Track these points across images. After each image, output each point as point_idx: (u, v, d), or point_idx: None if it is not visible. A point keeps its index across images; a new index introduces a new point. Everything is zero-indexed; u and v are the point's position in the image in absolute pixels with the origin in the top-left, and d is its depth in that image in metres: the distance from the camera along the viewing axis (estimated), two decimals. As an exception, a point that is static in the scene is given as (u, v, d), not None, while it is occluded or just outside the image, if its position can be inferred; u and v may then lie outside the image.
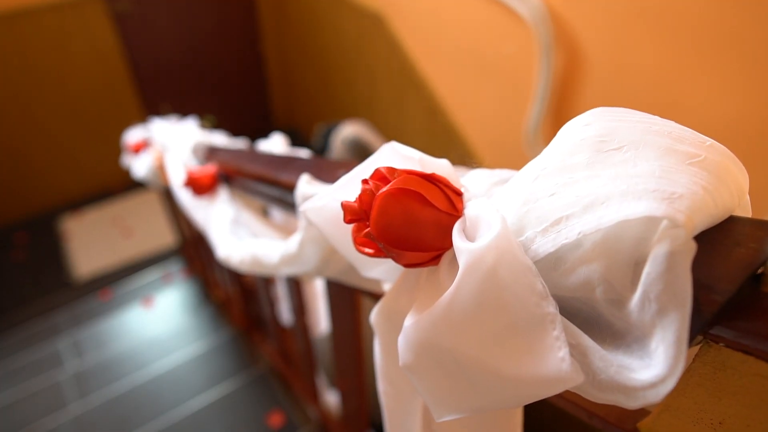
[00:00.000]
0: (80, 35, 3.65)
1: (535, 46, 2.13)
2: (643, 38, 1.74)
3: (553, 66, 2.08)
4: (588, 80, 2.00)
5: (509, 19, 2.20)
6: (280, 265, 0.68)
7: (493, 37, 2.33)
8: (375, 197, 0.36)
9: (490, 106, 2.50)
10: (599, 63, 1.93)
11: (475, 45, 2.44)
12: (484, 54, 2.41)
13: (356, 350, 0.93)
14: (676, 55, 1.66)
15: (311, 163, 0.77)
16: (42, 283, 3.62)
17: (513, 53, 2.28)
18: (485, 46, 2.39)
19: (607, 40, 1.87)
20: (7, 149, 3.82)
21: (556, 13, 2.01)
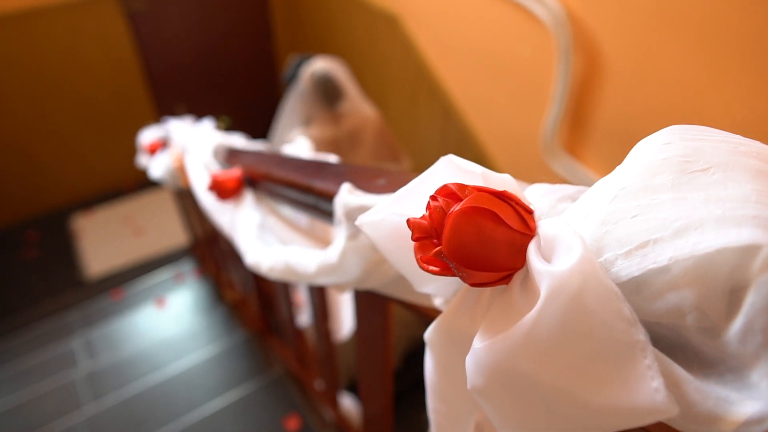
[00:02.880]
0: (93, 35, 3.66)
1: (552, 48, 2.11)
2: (665, 42, 1.72)
3: (572, 69, 2.06)
4: (607, 84, 1.99)
5: (527, 20, 2.18)
6: (317, 274, 0.67)
7: (510, 39, 2.31)
8: (447, 215, 0.35)
9: (505, 109, 2.48)
10: (619, 67, 1.91)
11: (490, 47, 2.42)
12: (500, 56, 2.40)
13: (385, 358, 0.92)
14: (699, 60, 1.64)
15: (346, 170, 0.76)
16: (54, 281, 3.63)
17: (530, 56, 2.26)
18: (501, 48, 2.38)
19: (627, 44, 1.85)
20: (20, 148, 3.83)
21: (575, 16, 2.00)
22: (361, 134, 2.31)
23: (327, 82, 2.20)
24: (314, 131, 2.22)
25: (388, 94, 3.30)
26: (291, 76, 2.30)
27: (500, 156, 2.62)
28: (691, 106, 1.72)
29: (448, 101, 2.79)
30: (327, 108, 2.23)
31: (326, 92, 2.22)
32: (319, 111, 2.23)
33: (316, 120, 2.24)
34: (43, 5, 3.39)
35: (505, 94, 2.45)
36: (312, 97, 2.22)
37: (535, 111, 2.29)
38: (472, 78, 2.60)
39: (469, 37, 2.52)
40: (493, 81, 2.49)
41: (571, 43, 2.02)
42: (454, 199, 0.36)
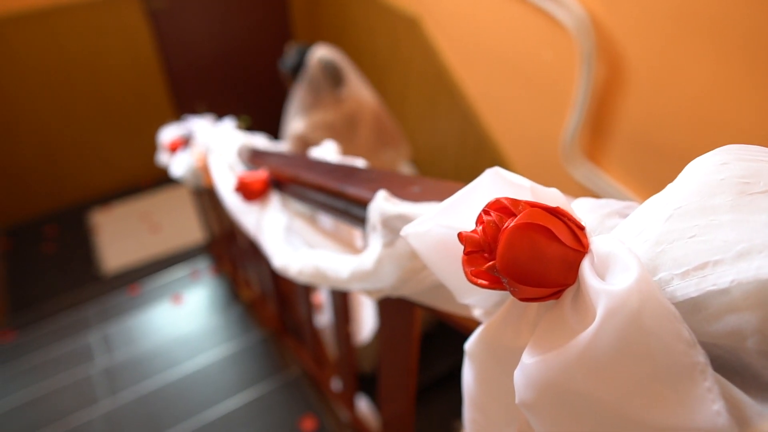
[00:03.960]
0: (115, 32, 3.69)
1: (575, 54, 2.10)
2: (689, 49, 1.70)
3: (594, 76, 2.05)
4: (629, 92, 1.98)
5: (549, 25, 2.18)
6: (350, 280, 0.67)
7: (532, 43, 2.31)
8: (501, 231, 0.35)
9: (525, 114, 2.48)
10: (642, 75, 1.90)
11: (512, 51, 2.42)
12: (521, 61, 2.39)
13: (408, 364, 0.92)
14: (723, 68, 1.63)
15: (379, 175, 0.76)
16: (71, 275, 3.67)
17: (551, 60, 2.25)
18: (523, 53, 2.37)
19: (651, 51, 1.84)
20: (41, 143, 3.88)
21: (598, 22, 1.99)
22: (359, 117, 2.43)
23: (333, 67, 2.33)
24: (316, 116, 2.35)
25: (408, 96, 3.30)
26: (296, 63, 2.38)
27: (519, 161, 2.61)
28: (715, 114, 1.71)
29: (467, 104, 2.78)
30: (331, 92, 2.36)
31: (333, 77, 2.34)
32: (324, 96, 2.35)
33: (318, 104, 2.36)
34: (67, 3, 3.43)
35: (525, 98, 2.44)
36: (319, 82, 2.33)
37: (556, 116, 2.28)
38: (492, 82, 2.60)
39: (490, 40, 2.51)
40: (513, 85, 2.48)
41: (593, 49, 2.01)
42: (507, 213, 0.36)
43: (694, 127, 1.77)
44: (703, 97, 1.72)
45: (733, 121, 1.66)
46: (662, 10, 1.73)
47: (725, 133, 1.69)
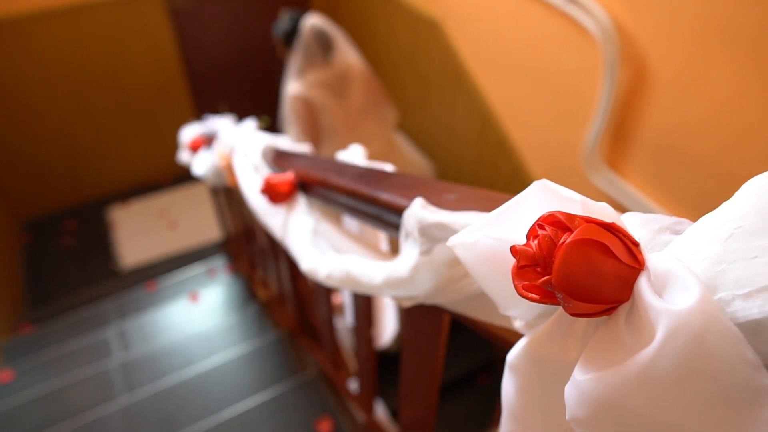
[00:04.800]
0: (137, 31, 3.73)
1: (599, 60, 2.09)
2: (715, 58, 1.69)
3: (617, 82, 2.04)
4: (653, 99, 1.96)
5: (573, 31, 2.16)
6: (383, 287, 0.67)
7: (554, 48, 2.30)
8: (557, 246, 0.35)
9: (545, 119, 2.46)
10: (666, 82, 1.88)
11: (534, 56, 2.41)
12: (543, 65, 2.38)
13: (433, 371, 0.92)
14: (751, 77, 1.61)
15: (412, 181, 0.76)
16: (90, 270, 3.71)
17: (574, 66, 2.24)
18: (545, 58, 2.36)
19: (676, 59, 1.82)
20: (63, 139, 3.93)
21: (623, 28, 1.97)
22: (350, 77, 2.61)
23: (324, 34, 2.52)
24: (312, 76, 2.53)
25: (427, 98, 3.30)
26: (288, 30, 2.55)
27: (538, 165, 2.60)
28: (740, 123, 1.69)
29: (486, 108, 2.77)
30: (322, 57, 2.53)
31: (324, 43, 2.52)
32: (316, 60, 2.53)
33: (312, 67, 2.54)
34: (91, 1, 3.47)
35: (545, 103, 2.43)
36: (312, 48, 2.50)
37: (576, 122, 2.27)
38: (513, 86, 2.59)
39: (512, 44, 2.50)
40: (534, 90, 2.47)
41: (617, 56, 1.99)
42: (562, 228, 0.36)
43: (719, 136, 1.75)
44: (728, 105, 1.70)
45: (759, 130, 1.64)
46: (688, 17, 1.71)
47: (751, 142, 1.67)
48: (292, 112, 2.55)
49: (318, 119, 2.60)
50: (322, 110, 2.57)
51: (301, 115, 2.55)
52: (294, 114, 2.55)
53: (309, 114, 2.56)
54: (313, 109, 2.57)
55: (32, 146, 3.86)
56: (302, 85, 2.52)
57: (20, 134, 3.76)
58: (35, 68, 3.54)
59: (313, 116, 2.58)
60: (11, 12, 3.28)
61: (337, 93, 2.59)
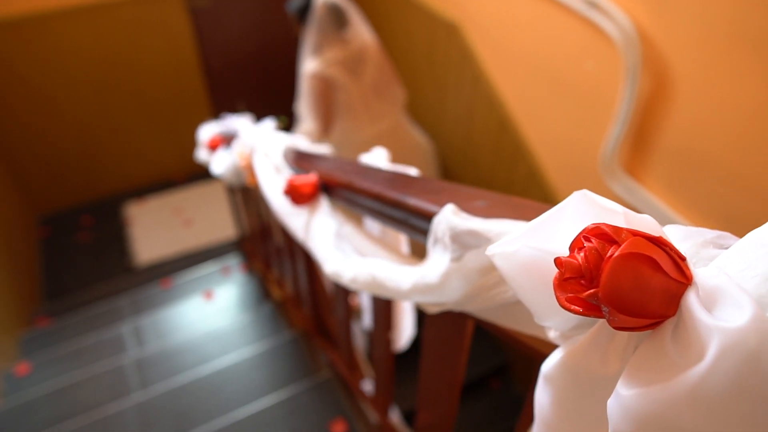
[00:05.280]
0: (157, 29, 3.75)
1: (619, 65, 2.07)
2: (741, 66, 1.67)
3: (638, 89, 2.02)
4: (674, 106, 1.94)
5: (593, 35, 2.15)
6: (411, 292, 0.67)
7: (574, 53, 2.28)
8: (605, 259, 0.34)
9: (564, 123, 2.45)
10: (689, 91, 1.86)
11: (553, 60, 2.40)
12: (562, 70, 2.37)
13: (454, 377, 0.92)
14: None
15: (440, 187, 0.76)
16: (105, 265, 3.74)
17: (594, 71, 2.23)
18: (564, 62, 2.34)
19: (700, 66, 1.80)
20: (81, 135, 3.97)
21: (646, 35, 1.96)
22: (365, 55, 2.61)
23: (338, 9, 2.50)
24: (329, 53, 2.52)
25: (443, 102, 3.30)
26: (302, 6, 2.53)
27: (555, 170, 2.58)
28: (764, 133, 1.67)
29: (504, 112, 2.76)
30: (337, 33, 2.52)
31: (338, 18, 2.51)
32: (332, 36, 2.52)
33: (328, 44, 2.53)
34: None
35: (564, 108, 2.41)
36: (325, 23, 2.49)
37: (595, 127, 2.25)
38: (531, 90, 2.58)
39: (531, 48, 2.49)
40: (552, 94, 2.46)
41: (639, 61, 1.98)
42: (608, 240, 0.36)
43: (743, 146, 1.73)
44: (752, 113, 1.68)
45: (784, 140, 1.62)
46: (713, 24, 1.69)
47: (775, 152, 1.65)
48: (310, 89, 2.55)
49: (333, 97, 2.61)
50: (339, 88, 2.58)
51: (319, 93, 2.55)
52: (312, 91, 2.55)
53: (326, 92, 2.57)
54: (330, 87, 2.57)
55: (51, 141, 3.90)
56: (320, 63, 2.51)
57: (40, 129, 3.80)
58: (56, 65, 3.58)
59: (329, 94, 2.59)
60: (34, 9, 3.32)
61: (353, 71, 2.59)
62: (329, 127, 2.61)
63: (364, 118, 2.67)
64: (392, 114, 2.81)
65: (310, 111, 2.58)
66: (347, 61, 2.55)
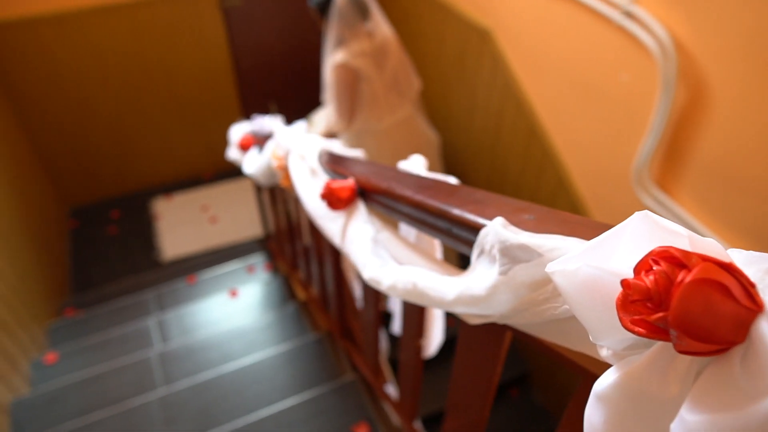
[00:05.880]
0: (190, 27, 3.80)
1: (654, 77, 2.05)
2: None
3: (673, 101, 2.00)
4: (710, 121, 1.91)
5: (628, 46, 2.13)
6: (454, 303, 0.67)
7: (608, 62, 2.26)
8: (675, 284, 0.34)
9: (594, 134, 2.43)
10: (725, 104, 1.84)
11: (586, 69, 2.38)
12: (595, 79, 2.35)
13: (488, 387, 0.92)
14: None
15: (484, 197, 0.76)
16: (132, 259, 3.80)
17: (628, 82, 2.21)
18: (597, 72, 2.33)
19: (739, 81, 1.78)
20: (113, 130, 4.03)
21: (683, 46, 1.93)
22: (387, 48, 2.64)
23: (359, 1, 2.52)
24: (355, 45, 2.54)
25: (473, 107, 3.29)
26: (324, 0, 2.55)
27: (583, 180, 2.56)
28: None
29: (534, 119, 2.75)
30: (360, 25, 2.54)
31: (360, 10, 2.53)
32: (354, 28, 2.54)
33: (353, 37, 2.55)
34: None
35: (595, 117, 2.39)
36: (348, 15, 2.52)
37: (627, 139, 2.23)
38: (562, 98, 2.56)
39: (564, 57, 2.48)
40: (584, 103, 2.44)
41: (675, 74, 1.95)
42: (677, 264, 0.36)
43: (781, 163, 1.70)
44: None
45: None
46: (754, 38, 1.67)
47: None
48: (337, 80, 2.57)
49: (357, 88, 2.63)
50: (363, 79, 2.60)
51: (345, 84, 2.57)
52: (339, 82, 2.57)
53: (352, 82, 2.59)
54: (356, 78, 2.60)
55: (84, 135, 3.97)
56: (347, 54, 2.53)
57: (74, 124, 3.87)
58: (92, 60, 3.65)
59: (354, 85, 2.61)
60: (75, 6, 3.39)
61: (377, 63, 2.62)
62: (353, 118, 2.64)
63: (384, 109, 2.71)
64: (407, 105, 2.85)
65: (335, 102, 2.61)
66: (372, 53, 2.59)
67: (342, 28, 2.53)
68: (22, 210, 3.06)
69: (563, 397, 2.89)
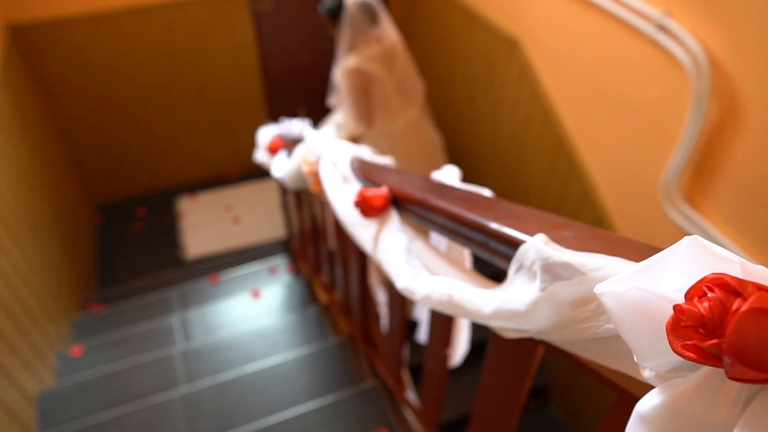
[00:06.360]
0: (222, 29, 3.86)
1: (686, 91, 2.03)
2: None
3: (705, 116, 1.98)
4: (743, 138, 1.89)
5: (661, 59, 2.12)
6: (492, 316, 0.68)
7: (639, 76, 2.25)
8: (731, 312, 0.35)
9: (622, 146, 2.42)
10: (759, 121, 1.82)
11: (615, 81, 2.37)
12: (624, 92, 2.34)
13: (516, 400, 0.92)
14: None
15: (523, 212, 0.77)
16: (156, 256, 3.85)
17: (659, 95, 2.19)
18: (628, 85, 2.31)
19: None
20: (141, 128, 4.10)
21: (717, 62, 1.92)
22: (395, 52, 2.70)
23: (369, 6, 2.58)
24: (367, 50, 2.60)
25: (499, 117, 3.29)
26: (335, 6, 2.61)
27: (609, 193, 2.55)
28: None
29: (561, 130, 2.74)
30: (369, 30, 2.60)
31: (370, 14, 2.59)
32: (364, 33, 2.60)
33: (364, 41, 2.61)
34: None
35: (624, 130, 2.38)
36: (359, 20, 2.57)
37: (656, 152, 2.21)
38: (591, 110, 2.55)
39: (593, 68, 2.47)
40: (613, 115, 2.43)
41: (708, 89, 1.94)
42: (731, 291, 0.36)
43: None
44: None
45: None
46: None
47: None
48: (352, 85, 2.63)
49: (372, 91, 2.69)
50: (376, 83, 2.66)
51: (361, 87, 2.63)
52: (354, 87, 2.63)
53: (367, 86, 2.65)
54: (369, 82, 2.65)
55: (113, 133, 4.04)
56: (359, 59, 2.59)
57: (104, 122, 3.95)
58: (124, 60, 3.71)
59: (369, 88, 2.67)
60: (109, 7, 3.46)
61: (387, 66, 2.68)
62: (372, 121, 2.69)
63: (395, 111, 2.77)
64: (414, 107, 2.90)
65: (353, 106, 2.66)
66: (382, 57, 2.65)
67: (353, 34, 2.59)
68: (52, 205, 3.12)
69: (580, 411, 2.87)
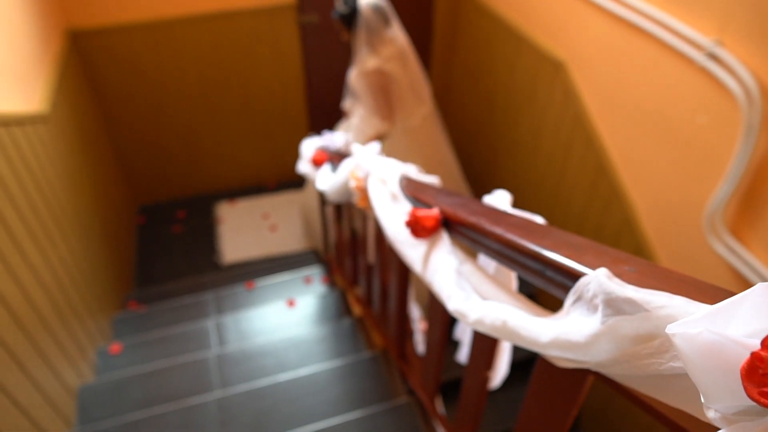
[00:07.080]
0: (268, 41, 3.95)
1: (736, 122, 2.01)
2: None
3: (755, 148, 1.95)
4: (793, 170, 1.87)
5: (710, 88, 2.10)
6: (549, 346, 0.69)
7: (687, 104, 2.23)
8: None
9: (666, 174, 2.39)
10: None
11: (662, 109, 2.35)
12: (671, 119, 2.31)
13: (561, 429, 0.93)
14: None
15: (576, 242, 0.78)
16: (193, 259, 3.93)
17: (706, 125, 2.17)
18: (675, 112, 2.29)
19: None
20: (185, 133, 4.21)
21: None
22: (407, 52, 2.81)
23: (382, 8, 2.67)
24: (384, 51, 2.70)
25: (540, 138, 3.29)
26: (349, 12, 2.70)
27: (650, 221, 2.52)
28: None
29: (604, 155, 2.73)
30: (383, 31, 2.70)
31: (383, 18, 2.68)
32: (380, 34, 2.69)
33: (380, 42, 2.71)
34: (230, 9, 3.72)
35: (669, 158, 2.36)
36: (374, 23, 2.67)
37: (702, 183, 2.19)
38: (634, 136, 2.53)
39: (639, 94, 2.46)
40: (656, 143, 2.41)
41: (759, 120, 1.91)
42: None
43: None
44: None
45: None
46: None
47: None
48: (374, 85, 2.73)
49: (391, 90, 2.78)
50: (394, 83, 2.75)
51: (380, 87, 2.74)
52: (376, 87, 2.73)
53: (387, 86, 2.75)
54: (389, 81, 2.75)
55: (158, 138, 4.16)
56: (379, 59, 2.69)
57: (150, 126, 4.07)
58: (174, 67, 3.83)
59: (389, 88, 2.77)
60: (163, 15, 3.58)
61: (402, 66, 2.78)
62: (394, 118, 2.76)
63: (409, 108, 2.88)
64: (424, 109, 3.01)
65: (375, 106, 2.74)
66: (398, 57, 2.75)
67: (369, 36, 2.69)
68: (99, 204, 3.22)
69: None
